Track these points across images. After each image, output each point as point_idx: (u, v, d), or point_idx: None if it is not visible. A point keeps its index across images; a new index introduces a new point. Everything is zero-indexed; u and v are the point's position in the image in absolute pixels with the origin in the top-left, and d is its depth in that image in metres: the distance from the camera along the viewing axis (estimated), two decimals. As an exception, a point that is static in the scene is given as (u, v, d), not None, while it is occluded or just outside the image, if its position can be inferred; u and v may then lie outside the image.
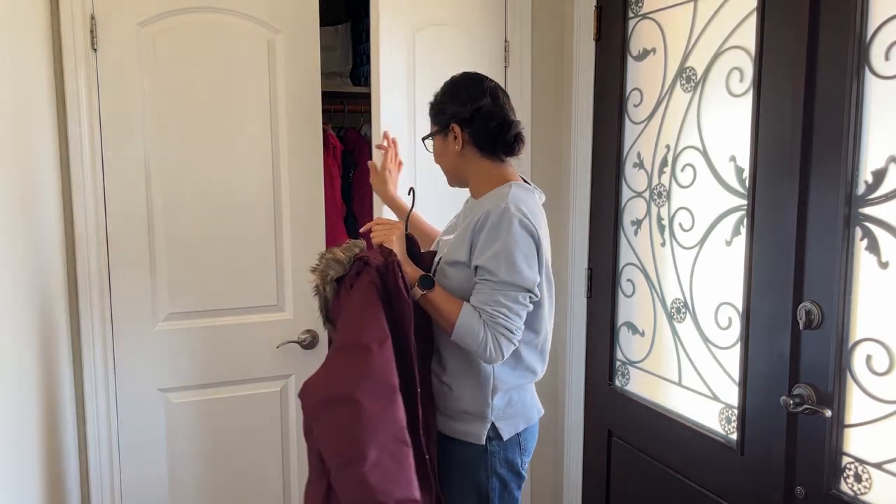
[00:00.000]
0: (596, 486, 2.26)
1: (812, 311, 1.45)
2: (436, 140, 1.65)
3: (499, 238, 1.45)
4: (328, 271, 1.49)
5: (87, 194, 1.95)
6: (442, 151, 1.64)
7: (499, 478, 1.59)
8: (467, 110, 1.56)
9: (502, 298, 1.45)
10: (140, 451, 2.08)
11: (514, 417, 1.60)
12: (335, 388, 1.33)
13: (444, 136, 1.61)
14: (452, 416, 1.58)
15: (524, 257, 1.46)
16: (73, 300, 1.97)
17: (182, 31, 2.01)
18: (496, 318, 1.45)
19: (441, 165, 1.67)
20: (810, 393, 1.46)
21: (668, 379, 1.95)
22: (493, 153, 1.59)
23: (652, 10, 1.97)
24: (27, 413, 1.61)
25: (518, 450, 1.61)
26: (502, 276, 1.45)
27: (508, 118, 1.58)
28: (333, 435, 1.31)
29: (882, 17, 1.32)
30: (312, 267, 1.54)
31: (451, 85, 1.63)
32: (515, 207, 1.47)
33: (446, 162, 1.65)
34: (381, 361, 1.34)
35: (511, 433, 1.59)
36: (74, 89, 1.91)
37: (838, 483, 1.43)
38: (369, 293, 1.41)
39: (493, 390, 1.56)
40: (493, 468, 1.58)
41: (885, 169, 1.32)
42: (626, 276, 2.11)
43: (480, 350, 1.46)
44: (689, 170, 1.83)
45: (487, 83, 1.60)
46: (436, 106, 1.64)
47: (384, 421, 1.31)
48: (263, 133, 2.11)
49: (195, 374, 2.12)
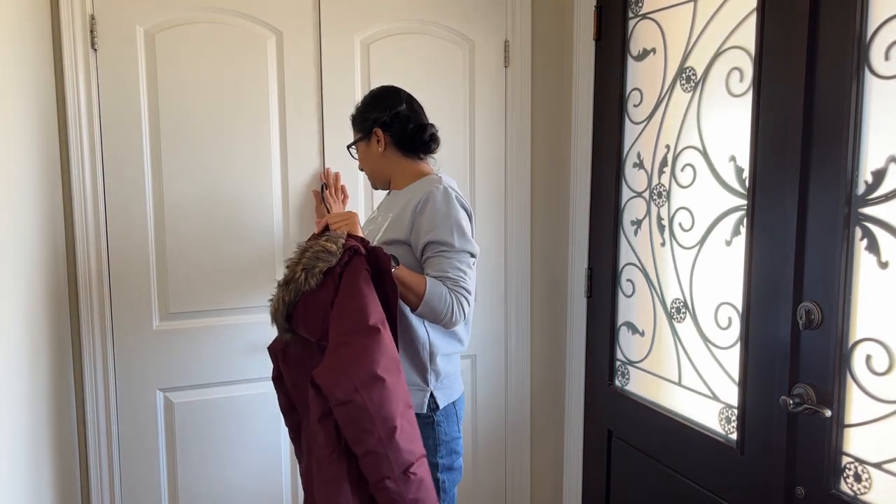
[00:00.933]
0: (596, 486, 2.26)
1: (812, 311, 1.45)
2: (360, 146, 1.80)
3: (447, 214, 1.61)
4: (317, 263, 1.48)
5: (87, 194, 1.95)
6: (366, 156, 1.80)
7: (445, 451, 1.71)
8: (387, 115, 1.74)
9: (458, 264, 1.60)
10: (139, 451, 2.09)
11: (448, 388, 1.73)
12: (366, 369, 1.41)
13: (367, 142, 1.77)
14: None
15: (467, 228, 1.65)
16: (73, 300, 1.97)
17: (182, 31, 2.01)
18: (458, 282, 1.59)
19: (366, 170, 1.83)
20: (810, 393, 1.46)
21: (668, 379, 1.95)
22: (413, 152, 1.77)
23: (652, 9, 1.97)
24: (28, 412, 1.61)
25: (455, 419, 1.75)
26: (456, 245, 1.61)
27: (423, 121, 1.78)
28: (369, 413, 1.41)
29: (882, 17, 1.32)
30: (293, 260, 1.51)
31: (371, 97, 1.80)
32: (451, 189, 1.67)
33: (370, 165, 1.80)
34: (388, 340, 1.46)
35: (446, 402, 1.71)
36: (74, 89, 1.91)
37: (838, 483, 1.43)
38: (367, 279, 1.49)
39: (431, 357, 1.68)
40: (440, 440, 1.70)
41: (885, 169, 1.32)
42: (626, 276, 2.12)
43: (447, 314, 1.57)
44: (689, 170, 1.83)
45: (402, 93, 1.78)
46: (358, 116, 1.80)
47: (399, 391, 1.44)
48: (263, 132, 2.12)
49: (195, 373, 2.12)
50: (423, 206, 1.63)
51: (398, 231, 1.66)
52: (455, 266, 1.60)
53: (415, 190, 1.70)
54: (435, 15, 2.26)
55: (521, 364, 2.47)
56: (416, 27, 2.24)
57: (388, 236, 1.67)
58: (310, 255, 1.49)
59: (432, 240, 1.61)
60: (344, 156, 2.01)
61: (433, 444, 1.68)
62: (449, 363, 1.74)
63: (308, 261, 1.48)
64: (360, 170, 1.86)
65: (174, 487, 2.14)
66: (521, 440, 2.50)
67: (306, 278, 1.47)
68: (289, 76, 2.12)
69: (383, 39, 2.21)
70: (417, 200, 1.64)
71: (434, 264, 1.60)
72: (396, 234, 1.66)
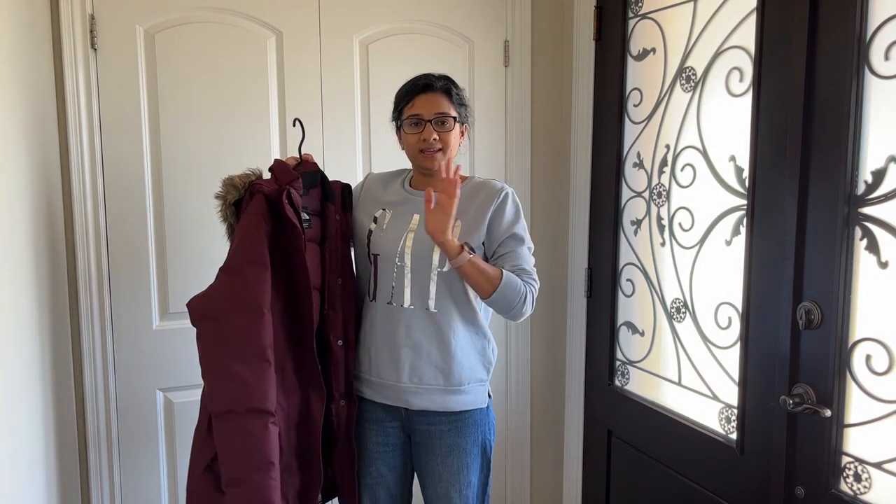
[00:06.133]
0: (596, 486, 2.26)
1: (812, 311, 1.45)
2: (457, 126, 1.68)
3: (519, 211, 1.70)
4: (227, 196, 1.58)
5: (87, 194, 1.95)
6: (452, 136, 1.67)
7: (493, 431, 1.77)
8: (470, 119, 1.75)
9: (529, 258, 1.68)
10: (139, 451, 2.08)
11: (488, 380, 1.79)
12: (207, 305, 1.47)
13: (459, 125, 1.69)
14: (463, 391, 1.68)
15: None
16: (73, 300, 1.97)
17: (182, 31, 2.01)
18: (531, 273, 1.66)
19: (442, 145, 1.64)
20: (810, 393, 1.46)
21: (667, 379, 1.95)
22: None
23: (652, 9, 1.97)
24: (28, 412, 1.61)
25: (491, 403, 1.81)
26: (528, 243, 1.69)
27: None
28: (208, 347, 1.47)
29: (882, 17, 1.32)
30: (216, 194, 1.60)
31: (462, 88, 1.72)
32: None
33: (450, 145, 1.65)
34: (254, 284, 1.46)
35: (490, 390, 1.78)
36: (74, 89, 1.91)
37: (838, 483, 1.43)
38: (254, 220, 1.51)
39: (494, 352, 1.76)
40: (492, 424, 1.77)
41: (885, 169, 1.32)
42: (625, 275, 2.12)
43: (518, 305, 1.61)
44: (689, 169, 1.83)
45: None
46: (462, 97, 1.70)
47: (247, 338, 1.45)
48: (263, 132, 2.12)
49: (195, 373, 2.09)
50: (501, 204, 1.67)
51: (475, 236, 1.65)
52: (529, 261, 1.67)
53: (478, 190, 1.69)
54: (435, 15, 2.26)
55: (521, 364, 2.47)
56: (416, 27, 2.24)
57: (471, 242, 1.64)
58: (223, 189, 1.59)
59: (514, 233, 1.66)
60: (342, 154, 2.01)
61: (489, 428, 1.75)
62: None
63: (222, 193, 1.58)
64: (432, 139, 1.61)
65: (174, 487, 2.14)
66: (520, 440, 2.50)
67: (225, 210, 1.58)
68: (289, 76, 2.12)
69: (383, 39, 2.22)
70: (497, 200, 1.66)
71: (512, 257, 1.65)
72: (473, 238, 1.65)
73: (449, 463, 1.68)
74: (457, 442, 1.68)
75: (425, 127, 1.62)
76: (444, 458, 1.68)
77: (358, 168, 2.22)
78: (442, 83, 1.66)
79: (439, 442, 1.69)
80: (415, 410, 1.68)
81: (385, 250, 1.67)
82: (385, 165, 2.05)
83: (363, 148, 2.24)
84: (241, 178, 1.59)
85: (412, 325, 1.65)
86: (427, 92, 1.64)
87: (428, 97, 1.64)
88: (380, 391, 1.70)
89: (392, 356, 1.67)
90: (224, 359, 1.44)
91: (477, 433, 1.70)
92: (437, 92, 1.64)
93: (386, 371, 1.68)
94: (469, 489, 1.70)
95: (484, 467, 1.73)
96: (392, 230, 1.69)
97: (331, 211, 1.71)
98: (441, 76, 1.68)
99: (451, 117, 1.64)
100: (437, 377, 1.66)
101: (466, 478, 1.69)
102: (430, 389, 1.66)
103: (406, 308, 1.65)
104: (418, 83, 1.66)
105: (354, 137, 2.22)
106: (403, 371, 1.66)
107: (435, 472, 1.69)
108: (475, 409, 1.70)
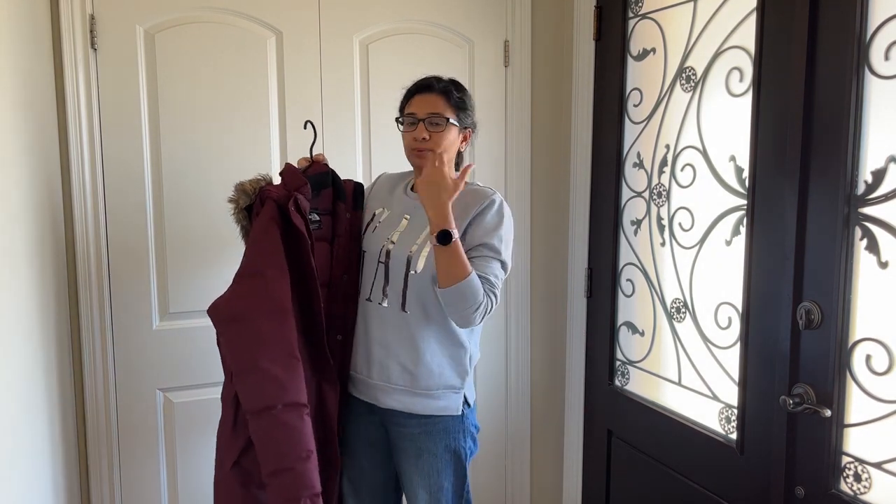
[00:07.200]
0: (596, 486, 2.26)
1: (812, 311, 1.45)
2: (451, 126, 1.65)
3: (502, 223, 1.65)
4: (238, 200, 1.62)
5: (87, 194, 1.95)
6: (447, 138, 1.65)
7: (471, 437, 1.75)
8: (474, 125, 1.74)
9: (498, 272, 1.63)
10: (139, 451, 2.08)
11: (469, 387, 1.76)
12: (233, 308, 1.52)
13: (458, 129, 1.68)
14: (432, 395, 1.67)
15: (511, 244, 1.68)
16: (73, 300, 1.97)
17: (182, 31, 2.01)
18: (495, 287, 1.60)
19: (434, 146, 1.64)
20: (810, 393, 1.46)
21: (667, 379, 1.95)
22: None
23: (652, 9, 1.97)
24: (28, 412, 1.61)
25: (474, 411, 1.79)
26: (503, 258, 1.64)
27: None
28: (234, 347, 1.52)
29: (882, 17, 1.32)
30: (229, 198, 1.64)
31: (468, 93, 1.72)
32: (505, 201, 1.70)
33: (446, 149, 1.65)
34: (277, 287, 1.52)
35: (472, 398, 1.77)
36: (74, 89, 1.91)
37: (838, 483, 1.43)
38: (267, 226, 1.54)
39: (470, 362, 1.72)
40: (468, 431, 1.74)
41: (885, 169, 1.32)
42: (625, 275, 2.12)
43: (470, 312, 1.56)
44: (689, 169, 1.83)
45: None
46: (463, 102, 1.69)
47: (276, 337, 1.50)
48: (263, 132, 2.11)
49: (195, 373, 2.11)
50: (482, 211, 1.64)
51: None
52: (496, 273, 1.61)
53: (469, 194, 1.67)
54: (435, 15, 2.26)
55: (521, 364, 2.47)
56: (415, 27, 2.24)
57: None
58: (235, 194, 1.64)
59: (486, 242, 1.62)
60: (342, 154, 2.01)
61: (464, 436, 1.73)
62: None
63: (235, 198, 1.63)
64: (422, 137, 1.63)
65: (174, 487, 2.14)
66: (520, 440, 2.50)
67: (238, 214, 1.63)
68: (289, 76, 2.12)
69: (383, 39, 2.22)
70: (481, 206, 1.64)
71: (478, 264, 1.60)
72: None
73: (420, 466, 1.70)
74: (427, 446, 1.69)
75: (418, 126, 1.64)
76: (415, 459, 1.70)
77: (358, 168, 2.22)
78: (442, 85, 1.68)
79: (410, 443, 1.70)
80: (384, 409, 1.70)
81: (371, 248, 1.72)
82: (385, 166, 2.05)
83: (363, 148, 2.24)
84: (252, 183, 1.63)
85: (386, 324, 1.67)
86: (425, 92, 1.67)
87: (424, 97, 1.66)
88: (356, 386, 1.74)
89: (366, 352, 1.70)
90: (258, 359, 1.48)
91: (448, 439, 1.69)
92: (435, 93, 1.66)
93: (361, 366, 1.72)
94: (441, 493, 1.70)
95: (459, 474, 1.73)
96: (382, 229, 1.73)
97: (341, 209, 1.75)
98: (446, 79, 1.70)
99: (445, 118, 1.64)
100: (405, 378, 1.67)
101: (437, 482, 1.70)
102: (397, 389, 1.67)
103: (382, 306, 1.68)
104: (419, 84, 1.69)
105: (354, 137, 2.22)
106: (374, 367, 1.69)
107: (407, 472, 1.73)
108: (447, 416, 1.69)
